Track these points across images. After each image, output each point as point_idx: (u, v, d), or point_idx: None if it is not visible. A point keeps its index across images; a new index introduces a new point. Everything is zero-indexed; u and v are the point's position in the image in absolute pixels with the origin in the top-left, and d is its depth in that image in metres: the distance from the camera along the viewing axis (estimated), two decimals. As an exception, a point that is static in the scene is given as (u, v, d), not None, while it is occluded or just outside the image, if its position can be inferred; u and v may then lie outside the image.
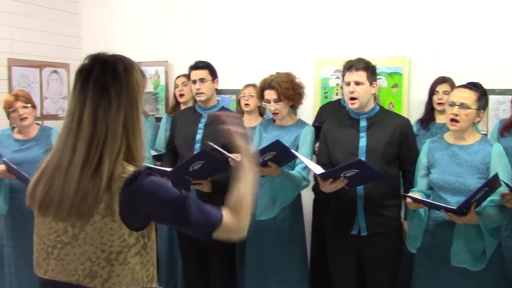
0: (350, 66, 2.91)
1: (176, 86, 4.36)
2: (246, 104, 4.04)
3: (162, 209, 1.48)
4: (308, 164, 2.85)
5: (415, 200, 2.63)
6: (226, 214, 1.55)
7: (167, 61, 4.87)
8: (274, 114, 3.29)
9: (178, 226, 1.57)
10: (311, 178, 3.26)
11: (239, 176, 1.62)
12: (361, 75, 2.88)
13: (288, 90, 3.20)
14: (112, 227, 1.43)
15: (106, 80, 1.48)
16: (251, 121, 3.94)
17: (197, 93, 3.44)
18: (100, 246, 1.43)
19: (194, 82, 3.43)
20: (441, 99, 3.65)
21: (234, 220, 1.55)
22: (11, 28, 4.40)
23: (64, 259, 1.46)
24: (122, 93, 1.49)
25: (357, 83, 2.88)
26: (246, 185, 1.61)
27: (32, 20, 4.62)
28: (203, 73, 3.41)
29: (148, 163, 3.41)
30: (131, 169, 1.47)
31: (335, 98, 4.27)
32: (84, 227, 1.43)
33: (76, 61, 3.52)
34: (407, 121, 3.03)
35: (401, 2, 4.14)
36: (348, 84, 2.90)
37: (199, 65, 3.44)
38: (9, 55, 4.37)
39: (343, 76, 2.98)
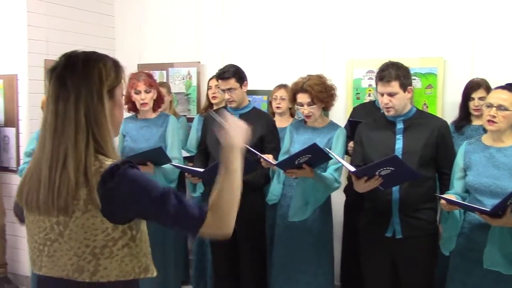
0: (381, 77, 2.84)
1: (209, 88, 4.36)
2: (278, 107, 4.03)
3: (141, 205, 1.45)
4: (343, 163, 2.83)
5: (448, 201, 2.59)
6: (209, 211, 1.50)
7: (199, 62, 4.89)
8: (307, 117, 3.28)
9: (159, 222, 1.51)
10: (342, 180, 3.24)
11: (221, 171, 1.55)
12: (393, 86, 2.82)
13: (321, 93, 3.19)
14: (94, 222, 1.44)
15: (65, 73, 1.49)
16: (282, 122, 3.92)
17: (228, 100, 3.47)
18: (84, 242, 1.45)
19: (223, 90, 3.45)
20: (477, 106, 3.53)
21: (216, 217, 1.48)
22: (47, 30, 4.51)
23: (54, 255, 1.49)
24: (80, 85, 1.47)
25: (391, 94, 2.83)
26: (227, 179, 1.53)
27: (68, 22, 4.73)
28: (230, 83, 3.40)
29: (178, 164, 3.44)
30: (108, 163, 1.46)
31: (367, 99, 4.23)
32: (68, 224, 1.45)
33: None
34: (445, 123, 2.97)
35: (435, 1, 4.06)
36: (382, 94, 2.86)
37: (225, 76, 3.39)
38: (46, 56, 4.48)
39: (376, 84, 2.93)
